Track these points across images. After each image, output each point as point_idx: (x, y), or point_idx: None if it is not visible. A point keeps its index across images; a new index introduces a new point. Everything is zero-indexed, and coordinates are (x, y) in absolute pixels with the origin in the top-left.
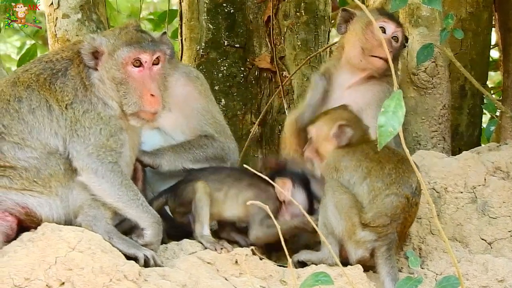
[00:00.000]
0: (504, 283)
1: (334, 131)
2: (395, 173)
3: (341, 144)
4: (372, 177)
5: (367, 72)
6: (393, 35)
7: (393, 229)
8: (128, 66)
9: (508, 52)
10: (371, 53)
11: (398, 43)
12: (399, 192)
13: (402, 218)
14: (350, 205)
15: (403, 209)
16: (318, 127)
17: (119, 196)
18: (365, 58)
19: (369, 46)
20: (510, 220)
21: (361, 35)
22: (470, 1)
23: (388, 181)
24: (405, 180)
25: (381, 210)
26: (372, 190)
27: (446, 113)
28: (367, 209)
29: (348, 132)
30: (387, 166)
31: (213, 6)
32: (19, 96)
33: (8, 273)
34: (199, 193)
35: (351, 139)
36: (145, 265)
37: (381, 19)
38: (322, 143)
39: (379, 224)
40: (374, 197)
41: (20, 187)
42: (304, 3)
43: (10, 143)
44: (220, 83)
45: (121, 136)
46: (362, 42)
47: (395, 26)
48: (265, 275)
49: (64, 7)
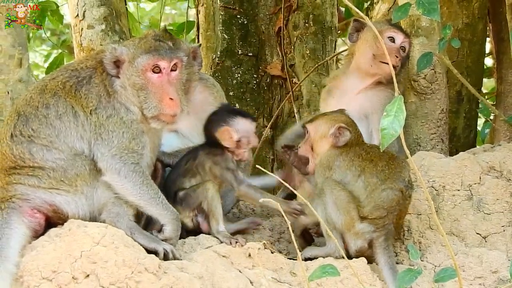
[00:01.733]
0: (497, 274)
1: (333, 132)
2: (388, 169)
3: (338, 144)
4: (366, 174)
5: (376, 77)
6: (401, 45)
7: (390, 220)
8: (148, 72)
9: (501, 60)
10: (381, 59)
11: (405, 52)
12: (394, 186)
13: (397, 210)
14: (347, 200)
15: (398, 201)
16: (317, 126)
17: (141, 194)
18: (375, 64)
19: (380, 52)
20: (503, 215)
21: (372, 42)
22: (466, 12)
23: (382, 177)
24: (398, 175)
25: (378, 204)
26: (368, 185)
27: (444, 117)
28: (365, 203)
29: (346, 134)
30: (380, 164)
31: (228, 18)
32: (47, 103)
33: (36, 266)
34: (211, 192)
35: (347, 142)
36: (165, 258)
37: (391, 30)
38: (318, 141)
39: (376, 216)
40: (371, 192)
41: (48, 186)
42: (313, 14)
43: (38, 146)
44: (234, 89)
45: (142, 138)
46: (373, 49)
47: (403, 37)
48: (276, 267)
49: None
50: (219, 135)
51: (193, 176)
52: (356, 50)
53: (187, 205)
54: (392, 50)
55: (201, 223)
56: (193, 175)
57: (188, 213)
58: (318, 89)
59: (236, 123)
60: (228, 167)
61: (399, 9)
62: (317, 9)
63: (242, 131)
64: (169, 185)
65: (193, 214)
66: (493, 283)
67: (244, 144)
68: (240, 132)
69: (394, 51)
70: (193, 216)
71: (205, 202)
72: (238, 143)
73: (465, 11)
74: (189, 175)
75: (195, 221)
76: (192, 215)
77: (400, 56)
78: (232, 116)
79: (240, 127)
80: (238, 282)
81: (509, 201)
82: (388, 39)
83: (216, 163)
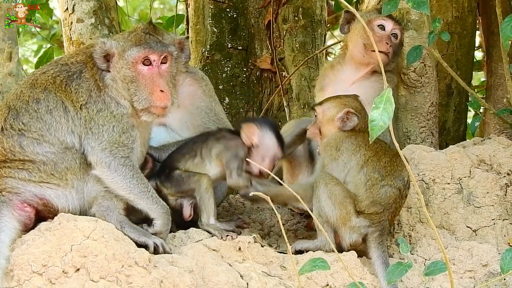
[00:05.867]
0: (488, 268)
1: (340, 115)
2: (390, 166)
3: (344, 129)
4: (369, 167)
5: (370, 66)
6: (392, 32)
7: (385, 217)
8: (138, 64)
9: (491, 53)
10: (372, 48)
11: (397, 39)
12: (393, 184)
13: (393, 207)
14: (343, 195)
15: (395, 199)
16: (326, 108)
17: (131, 188)
18: (367, 53)
19: (370, 42)
20: (493, 209)
21: (362, 32)
22: (456, 6)
23: (383, 173)
24: (399, 173)
25: (376, 199)
26: (369, 179)
27: (434, 110)
28: (363, 197)
29: (354, 120)
30: (383, 159)
31: (217, 11)
32: (37, 98)
33: (26, 260)
34: (205, 185)
35: (354, 127)
36: (155, 252)
37: (380, 18)
38: (326, 123)
39: (373, 212)
40: (370, 187)
41: (39, 179)
42: (302, 8)
43: (29, 139)
44: (224, 83)
45: (133, 132)
46: (364, 39)
47: (393, 24)
48: (266, 261)
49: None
50: (245, 127)
51: (193, 157)
52: (348, 41)
53: (177, 185)
54: (383, 37)
55: (185, 207)
56: (192, 156)
57: (174, 192)
58: (307, 83)
59: (266, 133)
60: (237, 155)
61: (388, 3)
62: (307, 2)
63: (264, 143)
64: (167, 160)
65: (179, 195)
66: (484, 276)
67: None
68: (262, 142)
69: (385, 38)
70: (178, 197)
71: (198, 194)
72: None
73: (455, 4)
74: (188, 155)
75: (178, 203)
76: (177, 196)
77: (391, 43)
78: (267, 127)
79: (266, 140)
80: (228, 276)
81: (499, 194)
82: (378, 27)
83: (228, 148)
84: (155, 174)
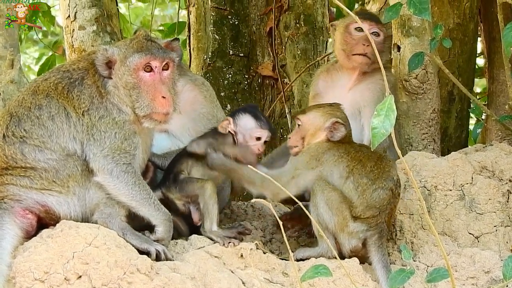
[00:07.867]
0: (490, 274)
1: (328, 125)
2: (377, 169)
3: (332, 139)
4: (355, 175)
5: (356, 69)
6: (371, 31)
7: (382, 219)
8: (140, 71)
9: (492, 59)
10: (352, 52)
11: (379, 37)
12: (385, 185)
13: (388, 208)
14: (340, 200)
15: (389, 200)
16: (312, 117)
17: (133, 195)
18: (348, 58)
19: (348, 47)
20: (495, 215)
21: (341, 39)
22: (458, 12)
23: (372, 177)
24: (387, 174)
25: (371, 203)
26: (358, 186)
27: (435, 117)
28: (357, 204)
29: (342, 130)
30: (368, 164)
31: (219, 18)
32: (39, 104)
33: (28, 267)
34: (209, 192)
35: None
36: (157, 259)
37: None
38: (312, 133)
39: (369, 216)
40: (362, 192)
41: (40, 186)
42: (304, 15)
43: (31, 146)
44: (226, 89)
45: (135, 139)
46: (342, 45)
47: (369, 23)
48: (268, 267)
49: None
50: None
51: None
52: (334, 50)
53: (182, 190)
54: (360, 39)
55: (193, 212)
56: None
57: (181, 197)
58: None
59: (240, 118)
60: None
61: (390, 9)
62: (308, 9)
63: (241, 125)
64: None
65: (186, 200)
66: (486, 283)
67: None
68: (239, 126)
69: (362, 40)
70: (186, 202)
71: (202, 200)
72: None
73: (456, 10)
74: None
75: (186, 207)
76: (184, 201)
77: (368, 43)
78: (242, 112)
79: (242, 122)
80: (230, 283)
81: (501, 200)
82: (356, 29)
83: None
84: (160, 182)
